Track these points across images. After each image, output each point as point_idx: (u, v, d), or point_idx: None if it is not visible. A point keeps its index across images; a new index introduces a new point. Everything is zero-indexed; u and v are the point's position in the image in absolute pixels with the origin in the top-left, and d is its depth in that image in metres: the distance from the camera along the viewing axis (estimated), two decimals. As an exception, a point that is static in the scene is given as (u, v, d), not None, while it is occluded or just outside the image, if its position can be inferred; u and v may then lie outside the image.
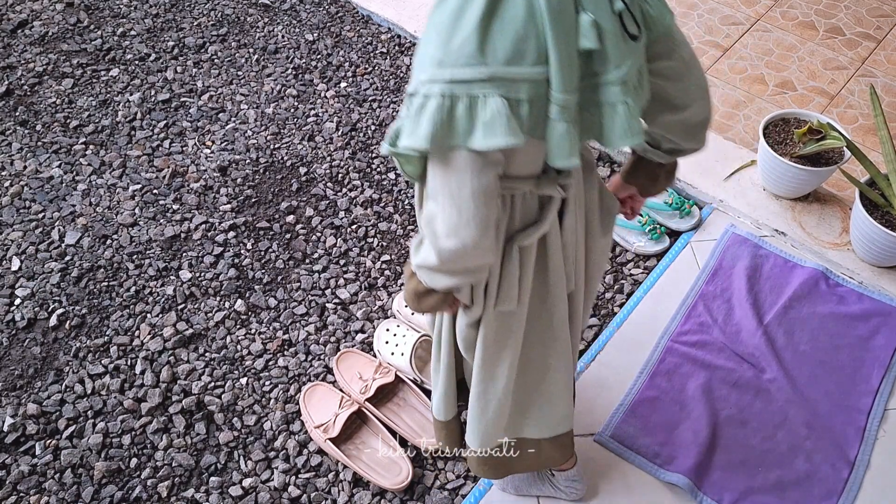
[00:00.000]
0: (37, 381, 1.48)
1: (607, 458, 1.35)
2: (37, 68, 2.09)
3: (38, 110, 1.99)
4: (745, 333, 1.51)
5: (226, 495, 1.34)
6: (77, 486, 1.35)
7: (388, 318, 1.58)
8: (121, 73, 2.09)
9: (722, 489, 1.31)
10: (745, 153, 1.83)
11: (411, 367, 1.44)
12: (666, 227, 1.70)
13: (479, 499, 1.31)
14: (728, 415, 1.40)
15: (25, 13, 2.25)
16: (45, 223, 1.74)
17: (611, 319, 1.56)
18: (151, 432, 1.41)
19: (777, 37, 2.17)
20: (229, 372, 1.50)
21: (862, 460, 1.35)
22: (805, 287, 1.57)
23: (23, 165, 1.85)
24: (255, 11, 2.29)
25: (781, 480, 1.33)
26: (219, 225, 1.73)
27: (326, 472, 1.37)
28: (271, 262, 1.67)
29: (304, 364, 1.51)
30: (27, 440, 1.40)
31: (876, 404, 1.42)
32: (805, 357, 1.48)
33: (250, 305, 1.60)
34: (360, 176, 1.85)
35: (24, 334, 1.55)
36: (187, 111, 1.99)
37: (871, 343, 1.50)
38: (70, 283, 1.62)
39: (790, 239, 1.67)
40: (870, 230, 1.53)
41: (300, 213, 1.77)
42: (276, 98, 2.03)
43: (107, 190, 1.81)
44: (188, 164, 1.87)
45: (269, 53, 2.16)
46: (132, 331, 1.55)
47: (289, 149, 1.91)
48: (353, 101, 2.02)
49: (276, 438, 1.41)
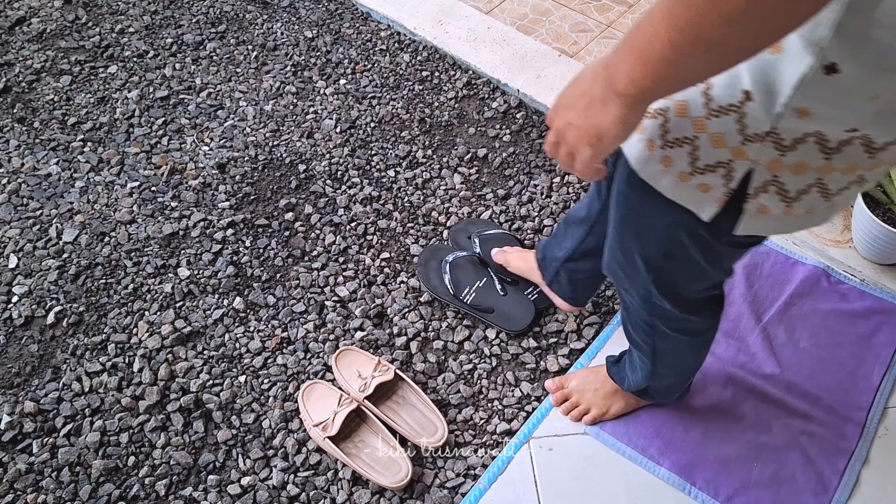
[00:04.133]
0: (34, 378, 1.47)
1: (600, 453, 1.35)
2: (35, 65, 2.08)
3: (35, 107, 1.98)
4: (742, 330, 1.50)
5: (224, 494, 1.33)
6: (74, 484, 1.34)
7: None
8: (119, 70, 2.08)
9: (717, 484, 1.31)
10: (746, 150, 1.82)
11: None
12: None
13: (479, 497, 1.30)
14: (724, 409, 1.40)
15: (23, 10, 2.24)
16: (43, 220, 1.73)
17: (612, 317, 1.55)
18: (149, 430, 1.40)
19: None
20: (228, 370, 1.49)
21: (860, 457, 1.34)
22: (806, 284, 1.57)
23: (20, 162, 1.84)
24: (253, 8, 2.29)
25: (777, 476, 1.32)
26: (217, 222, 1.73)
27: (325, 470, 1.36)
28: (270, 259, 1.67)
29: (303, 362, 1.50)
30: (24, 438, 1.39)
31: (876, 402, 1.41)
32: (805, 354, 1.47)
33: (249, 303, 1.59)
34: (360, 173, 1.84)
35: (22, 332, 1.54)
36: (186, 108, 1.99)
37: (872, 341, 1.50)
38: (68, 281, 1.62)
39: (791, 236, 1.67)
40: (871, 227, 1.53)
41: (299, 210, 1.76)
42: (275, 95, 2.02)
43: (105, 187, 1.80)
44: (186, 161, 1.86)
45: (267, 50, 2.15)
46: (130, 328, 1.54)
47: (287, 146, 1.90)
48: (352, 98, 2.01)
49: (275, 437, 1.40)
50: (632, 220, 0.89)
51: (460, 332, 1.54)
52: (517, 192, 1.80)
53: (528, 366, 1.49)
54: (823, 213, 0.75)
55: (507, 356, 1.51)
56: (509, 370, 1.49)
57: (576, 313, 1.56)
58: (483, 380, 1.48)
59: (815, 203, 0.72)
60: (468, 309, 1.54)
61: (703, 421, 1.38)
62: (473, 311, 1.54)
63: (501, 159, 1.87)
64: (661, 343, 1.10)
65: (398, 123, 1.96)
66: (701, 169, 0.72)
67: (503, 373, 1.49)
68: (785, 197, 0.71)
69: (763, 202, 0.72)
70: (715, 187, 0.73)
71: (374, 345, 1.53)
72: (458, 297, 1.54)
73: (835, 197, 0.72)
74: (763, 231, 0.76)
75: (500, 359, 1.51)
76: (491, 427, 1.41)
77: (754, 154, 0.68)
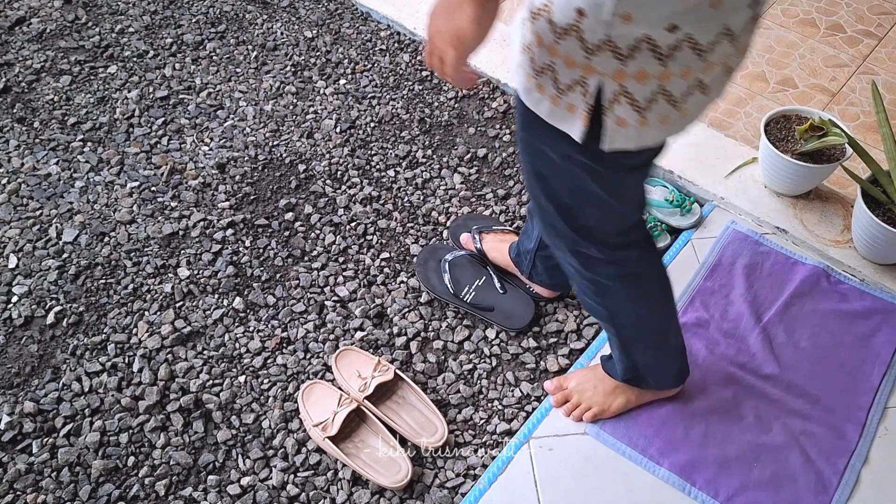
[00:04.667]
0: (34, 378, 1.47)
1: (600, 453, 1.35)
2: (34, 65, 2.08)
3: (35, 107, 1.98)
4: (742, 330, 1.50)
5: (224, 494, 1.33)
6: (74, 484, 1.34)
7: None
8: (119, 70, 2.08)
9: (717, 484, 1.30)
10: (746, 150, 1.82)
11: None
12: (667, 224, 1.70)
13: (479, 497, 1.30)
14: (724, 409, 1.39)
15: (23, 10, 2.24)
16: (43, 220, 1.73)
17: (611, 317, 1.56)
18: (149, 430, 1.40)
19: (778, 34, 2.16)
20: (227, 370, 1.49)
21: (860, 457, 1.34)
22: (806, 284, 1.57)
23: (20, 162, 1.84)
24: (253, 8, 2.29)
25: (777, 476, 1.32)
26: (217, 222, 1.73)
27: (325, 470, 1.36)
28: (270, 259, 1.67)
29: (303, 362, 1.50)
30: (24, 438, 1.39)
31: (876, 402, 1.41)
32: (805, 354, 1.47)
33: (249, 303, 1.59)
34: (360, 173, 1.84)
35: (22, 332, 1.54)
36: (185, 108, 1.99)
37: (872, 340, 1.50)
38: (67, 281, 1.62)
39: (791, 236, 1.66)
40: (872, 227, 1.53)
41: (299, 210, 1.76)
42: (275, 95, 2.02)
43: (104, 187, 1.80)
44: (186, 161, 1.86)
45: (267, 50, 2.15)
46: (130, 328, 1.54)
47: (287, 146, 1.90)
48: (352, 98, 2.01)
49: (275, 437, 1.40)
50: (533, 163, 1.02)
51: (460, 332, 1.54)
52: (517, 192, 1.80)
53: (528, 366, 1.49)
54: (677, 122, 0.85)
55: (507, 356, 1.51)
56: (509, 370, 1.49)
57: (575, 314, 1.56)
58: (483, 380, 1.48)
59: (665, 111, 0.82)
60: (468, 308, 1.54)
61: (704, 421, 1.37)
62: (473, 310, 1.54)
63: (501, 159, 1.87)
64: (609, 300, 1.16)
65: (398, 123, 1.96)
66: (563, 90, 0.83)
67: (503, 373, 1.49)
68: (636, 106, 0.81)
69: (619, 114, 0.82)
70: (578, 105, 0.83)
71: (374, 345, 1.53)
72: (457, 296, 1.54)
73: (683, 105, 0.82)
74: (626, 143, 0.85)
75: (500, 359, 1.51)
76: (491, 427, 1.41)
77: (600, 66, 0.78)
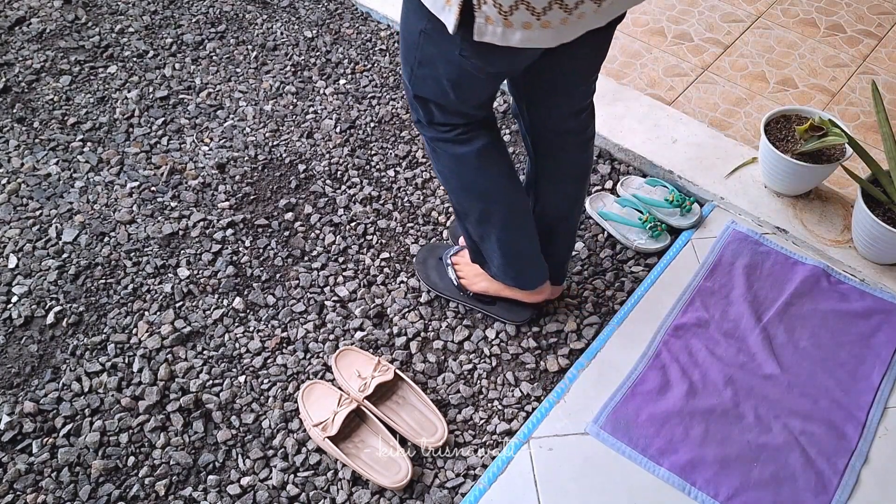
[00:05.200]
0: (34, 378, 1.47)
1: (600, 453, 1.35)
2: (34, 65, 2.08)
3: (35, 107, 1.98)
4: (742, 330, 1.50)
5: (224, 494, 1.33)
6: (74, 484, 1.34)
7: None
8: (119, 70, 2.08)
9: (717, 484, 1.30)
10: (747, 150, 1.82)
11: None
12: (667, 224, 1.70)
13: (478, 497, 1.30)
14: (723, 410, 1.39)
15: (23, 10, 2.24)
16: (43, 220, 1.73)
17: (611, 317, 1.55)
18: (149, 430, 1.40)
19: (778, 34, 2.16)
20: (227, 370, 1.49)
21: (860, 457, 1.34)
22: (806, 284, 1.57)
23: (20, 162, 1.84)
24: (253, 8, 2.29)
25: (777, 476, 1.32)
26: (217, 222, 1.73)
27: (325, 470, 1.36)
28: (270, 259, 1.67)
29: (303, 362, 1.50)
30: (24, 438, 1.39)
31: (876, 402, 1.41)
32: (805, 354, 1.47)
33: (249, 303, 1.59)
34: (360, 173, 1.84)
35: (21, 332, 1.54)
36: (185, 108, 1.99)
37: (872, 340, 1.50)
38: (67, 281, 1.62)
39: (791, 236, 1.66)
40: (872, 227, 1.53)
41: (299, 210, 1.76)
42: (275, 95, 2.02)
43: (104, 187, 1.80)
44: (186, 161, 1.86)
45: (267, 50, 2.15)
46: (130, 328, 1.54)
47: (287, 146, 1.90)
48: (352, 98, 2.01)
49: (275, 437, 1.40)
50: (404, 34, 1.13)
51: (460, 332, 1.54)
52: (517, 192, 1.80)
53: (528, 366, 1.49)
54: (541, 32, 0.93)
55: (507, 356, 1.51)
56: (509, 370, 1.49)
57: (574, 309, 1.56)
58: (483, 380, 1.48)
59: (527, 19, 0.91)
60: (470, 302, 1.54)
61: (704, 421, 1.38)
62: (475, 305, 1.54)
63: (501, 159, 1.87)
64: (437, 164, 1.30)
65: (398, 123, 1.96)
66: None
67: (503, 373, 1.49)
68: (500, 10, 0.90)
69: (487, 12, 0.91)
70: (453, 0, 0.93)
71: (373, 345, 1.53)
72: (460, 290, 1.54)
73: (543, 17, 0.91)
74: (493, 38, 0.94)
75: (500, 359, 1.51)
76: (491, 427, 1.41)
77: None
